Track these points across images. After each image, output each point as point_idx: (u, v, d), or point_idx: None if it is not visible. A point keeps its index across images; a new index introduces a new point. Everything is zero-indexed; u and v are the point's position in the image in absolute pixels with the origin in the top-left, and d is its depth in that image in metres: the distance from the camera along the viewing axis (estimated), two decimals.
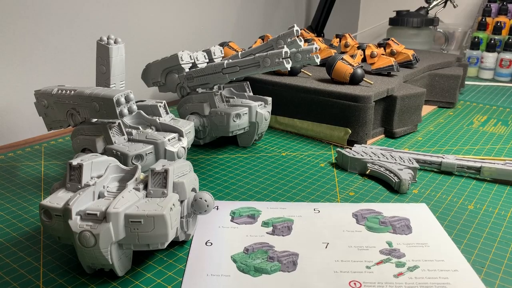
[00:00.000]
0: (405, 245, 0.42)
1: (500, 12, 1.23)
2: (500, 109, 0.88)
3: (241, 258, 0.40)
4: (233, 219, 0.47)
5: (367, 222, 0.46)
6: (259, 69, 0.56)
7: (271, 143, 0.70)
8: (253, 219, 0.47)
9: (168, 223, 0.35)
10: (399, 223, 0.46)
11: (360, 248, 0.42)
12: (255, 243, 0.43)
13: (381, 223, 0.46)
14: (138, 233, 0.35)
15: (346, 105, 0.66)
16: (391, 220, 0.47)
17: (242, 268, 0.39)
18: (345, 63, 0.71)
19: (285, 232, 0.45)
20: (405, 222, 0.47)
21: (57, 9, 0.74)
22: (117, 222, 0.34)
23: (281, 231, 0.45)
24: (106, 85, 0.54)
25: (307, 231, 0.45)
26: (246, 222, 0.47)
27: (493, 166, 0.56)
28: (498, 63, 1.15)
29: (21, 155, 0.65)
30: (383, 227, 0.46)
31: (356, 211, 0.49)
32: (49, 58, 0.75)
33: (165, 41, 0.95)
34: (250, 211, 0.49)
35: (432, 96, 0.88)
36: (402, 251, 0.41)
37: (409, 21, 1.20)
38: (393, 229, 0.45)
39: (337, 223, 0.46)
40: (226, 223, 0.46)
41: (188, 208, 0.40)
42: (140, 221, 0.34)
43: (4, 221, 0.47)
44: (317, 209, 0.49)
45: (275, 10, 1.27)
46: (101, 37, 0.53)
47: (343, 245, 0.42)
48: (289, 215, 0.48)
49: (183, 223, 0.40)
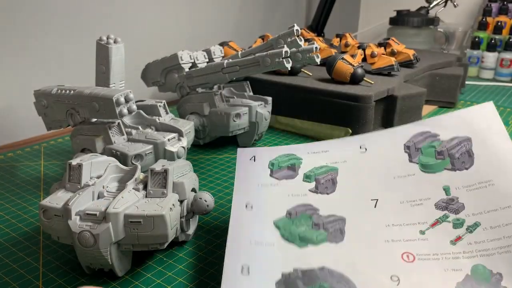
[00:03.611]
0: (465, 189, 0.35)
1: (501, 11, 1.23)
2: (501, 109, 0.88)
3: (284, 224, 0.37)
4: (272, 173, 0.42)
5: (421, 158, 0.38)
6: (259, 68, 0.56)
7: (271, 143, 0.69)
8: (294, 171, 0.42)
9: (168, 223, 0.35)
10: (459, 150, 0.37)
11: (413, 204, 0.36)
12: (298, 205, 0.38)
13: (437, 154, 0.38)
14: (137, 233, 0.34)
15: (346, 105, 0.66)
16: (450, 146, 0.38)
17: (286, 236, 0.36)
18: (345, 62, 0.71)
19: (329, 189, 0.40)
20: (466, 145, 0.37)
21: (56, 8, 0.74)
22: (117, 222, 0.34)
23: (325, 186, 0.40)
24: (106, 85, 0.54)
25: (354, 184, 0.39)
26: (287, 176, 0.42)
27: None
28: (499, 63, 1.15)
29: (21, 155, 0.65)
30: (440, 161, 0.38)
31: (408, 139, 0.40)
32: (48, 58, 0.75)
33: (165, 41, 0.95)
34: (290, 160, 0.43)
35: (432, 96, 0.88)
36: (461, 201, 0.34)
37: (409, 20, 1.20)
38: (452, 162, 0.37)
39: (387, 166, 0.39)
40: (266, 179, 0.42)
41: (188, 208, 0.40)
42: (139, 221, 0.34)
43: (4, 221, 0.47)
44: (363, 146, 0.42)
45: (275, 9, 1.26)
46: (100, 37, 0.53)
47: (394, 201, 0.36)
48: (332, 161, 0.42)
49: (183, 223, 0.40)
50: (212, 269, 0.39)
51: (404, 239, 0.34)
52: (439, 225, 0.34)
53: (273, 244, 0.35)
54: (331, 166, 0.42)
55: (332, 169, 0.41)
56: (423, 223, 0.34)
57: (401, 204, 0.36)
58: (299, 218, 0.37)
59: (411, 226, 0.34)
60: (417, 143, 0.40)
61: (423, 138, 0.40)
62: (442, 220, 0.34)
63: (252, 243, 0.35)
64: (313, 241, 0.35)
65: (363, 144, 0.43)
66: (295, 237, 0.36)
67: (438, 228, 0.34)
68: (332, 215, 0.37)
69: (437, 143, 0.39)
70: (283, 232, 0.36)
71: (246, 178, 0.43)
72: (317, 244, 0.35)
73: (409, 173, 0.38)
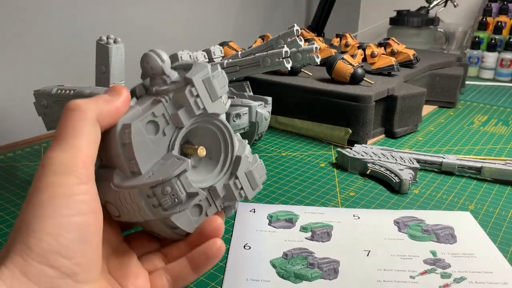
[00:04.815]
0: (450, 255, 0.41)
1: (501, 11, 1.23)
2: (501, 109, 0.88)
3: (280, 263, 0.40)
4: (271, 223, 0.46)
5: (409, 230, 0.45)
6: (259, 68, 0.55)
7: (271, 143, 0.69)
8: (291, 223, 0.46)
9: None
10: (443, 232, 0.44)
11: (403, 257, 0.41)
12: (294, 248, 0.42)
13: (424, 231, 0.45)
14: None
15: (346, 105, 0.66)
16: (434, 228, 0.45)
17: (282, 274, 0.38)
18: (345, 62, 0.71)
19: (325, 238, 0.44)
20: (449, 230, 0.45)
21: (56, 8, 0.74)
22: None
23: (321, 236, 0.44)
24: (106, 85, 0.54)
25: (347, 237, 0.44)
26: (284, 226, 0.46)
27: (494, 166, 0.56)
28: (499, 63, 1.15)
29: (21, 155, 0.65)
30: (426, 235, 0.44)
31: (397, 218, 0.47)
32: (48, 58, 0.75)
33: (165, 41, 0.95)
34: (288, 215, 0.48)
35: (432, 96, 0.88)
36: (447, 261, 0.40)
37: (409, 20, 1.19)
38: (437, 237, 0.44)
39: (378, 230, 0.45)
40: (264, 227, 0.46)
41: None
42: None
43: (4, 221, 0.47)
44: (356, 215, 0.48)
45: (275, 9, 1.26)
46: (100, 37, 0.53)
47: (385, 253, 0.41)
48: (327, 220, 0.47)
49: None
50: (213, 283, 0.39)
51: (395, 281, 0.37)
52: (428, 274, 0.38)
53: (269, 281, 0.37)
54: (327, 223, 0.46)
55: (328, 225, 0.46)
56: (413, 271, 0.39)
57: (391, 257, 0.41)
58: (295, 259, 0.40)
59: (401, 272, 0.39)
60: (405, 221, 0.47)
61: (410, 220, 0.47)
62: (430, 272, 0.39)
63: (248, 280, 0.37)
64: (308, 278, 0.38)
65: (356, 214, 0.48)
66: (290, 274, 0.38)
67: (427, 276, 0.38)
68: (327, 257, 0.41)
69: (423, 225, 0.46)
70: (279, 270, 0.39)
71: (245, 224, 0.46)
72: (312, 280, 0.37)
73: (398, 238, 0.44)
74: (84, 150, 0.24)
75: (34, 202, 0.23)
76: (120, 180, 0.28)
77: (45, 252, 0.22)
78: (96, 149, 0.26)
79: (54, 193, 0.23)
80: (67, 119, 0.25)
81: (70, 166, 0.24)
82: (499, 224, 0.47)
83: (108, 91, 0.28)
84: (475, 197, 0.53)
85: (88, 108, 0.26)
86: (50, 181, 0.23)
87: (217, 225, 0.30)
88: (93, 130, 0.25)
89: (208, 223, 0.30)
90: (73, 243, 0.22)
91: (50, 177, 0.23)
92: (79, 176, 0.24)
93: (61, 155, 0.24)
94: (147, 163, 0.28)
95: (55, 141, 0.25)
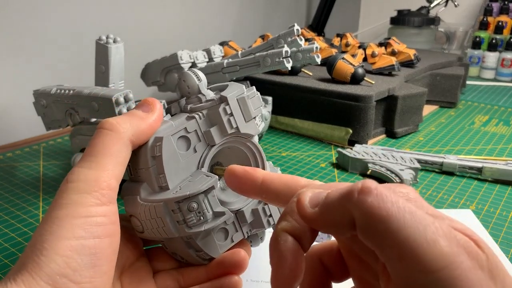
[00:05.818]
0: None
1: (502, 11, 1.22)
2: (502, 109, 0.88)
3: None
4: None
5: None
6: (259, 68, 0.55)
7: (271, 143, 0.69)
8: None
9: None
10: None
11: None
12: None
13: None
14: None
15: (347, 104, 0.66)
16: None
17: None
18: (346, 62, 0.71)
19: (325, 238, 0.44)
20: None
21: (56, 8, 0.74)
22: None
23: (321, 237, 0.44)
24: (105, 85, 0.54)
25: None
26: None
27: (495, 166, 0.56)
28: (500, 63, 1.14)
29: (20, 155, 0.64)
30: None
31: None
32: (48, 58, 0.75)
33: (165, 41, 0.95)
34: None
35: (433, 96, 0.88)
36: None
37: (410, 20, 1.19)
38: None
39: None
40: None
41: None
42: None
43: (3, 221, 0.47)
44: None
45: (275, 9, 1.26)
46: (100, 37, 0.53)
47: None
48: None
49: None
50: None
51: None
52: None
53: (269, 281, 0.37)
54: None
55: None
56: None
57: None
58: None
59: None
60: None
61: None
62: None
63: (248, 281, 0.38)
64: None
65: None
66: None
67: None
68: None
69: None
70: None
71: None
72: None
73: None
74: (110, 170, 0.24)
75: (52, 217, 0.23)
76: (147, 194, 0.27)
77: (54, 274, 0.21)
78: (123, 170, 0.25)
79: (72, 211, 0.23)
80: (100, 138, 0.25)
81: (93, 185, 0.23)
82: (500, 224, 0.47)
83: (141, 105, 0.28)
84: (476, 197, 0.52)
85: (123, 128, 0.25)
86: (70, 198, 0.23)
87: (240, 259, 0.29)
88: (124, 151, 0.25)
89: (231, 254, 0.29)
90: (83, 267, 0.22)
91: (71, 194, 0.23)
92: (99, 197, 0.23)
93: (87, 172, 0.24)
94: (176, 178, 0.27)
95: (84, 157, 0.25)
